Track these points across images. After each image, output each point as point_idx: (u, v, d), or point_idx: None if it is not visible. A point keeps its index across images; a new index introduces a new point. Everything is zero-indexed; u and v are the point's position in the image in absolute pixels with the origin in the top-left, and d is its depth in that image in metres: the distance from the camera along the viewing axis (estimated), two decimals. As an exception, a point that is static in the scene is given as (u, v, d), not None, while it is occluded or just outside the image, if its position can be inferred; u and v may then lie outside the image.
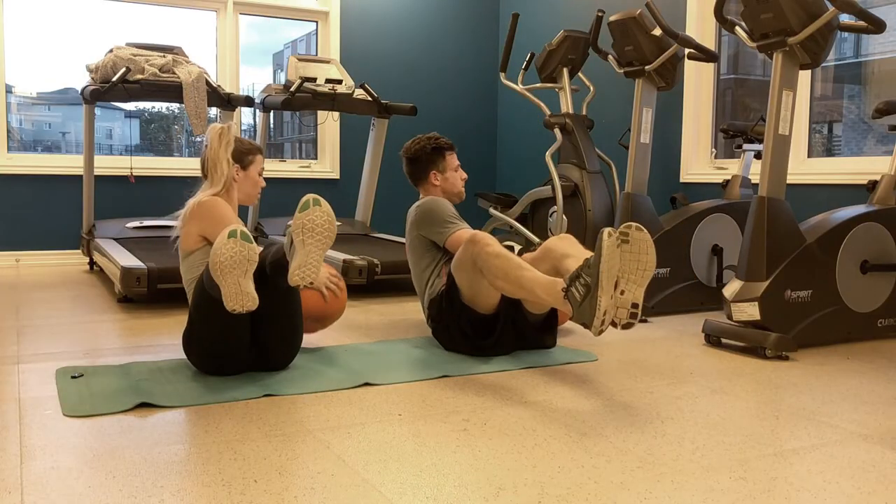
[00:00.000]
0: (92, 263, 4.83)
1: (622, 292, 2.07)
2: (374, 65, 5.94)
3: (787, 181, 3.12)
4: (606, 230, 2.03)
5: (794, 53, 2.79)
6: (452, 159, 3.05)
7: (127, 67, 4.30)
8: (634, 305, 2.07)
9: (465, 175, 3.08)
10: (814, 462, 1.70)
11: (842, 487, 1.56)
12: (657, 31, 3.64)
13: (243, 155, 2.63)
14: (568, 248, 2.56)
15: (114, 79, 4.25)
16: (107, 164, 5.19)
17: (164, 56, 4.51)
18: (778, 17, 2.71)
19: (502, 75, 4.60)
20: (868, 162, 3.78)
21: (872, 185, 3.28)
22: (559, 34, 4.59)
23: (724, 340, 2.94)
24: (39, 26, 5.19)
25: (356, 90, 4.82)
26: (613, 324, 2.10)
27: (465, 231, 2.79)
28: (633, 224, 2.07)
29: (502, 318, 2.63)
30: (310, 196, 2.09)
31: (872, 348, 2.92)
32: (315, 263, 2.05)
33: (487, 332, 2.63)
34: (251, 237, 2.05)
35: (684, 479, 1.59)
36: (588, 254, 2.50)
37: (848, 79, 4.12)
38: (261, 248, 2.34)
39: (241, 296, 2.03)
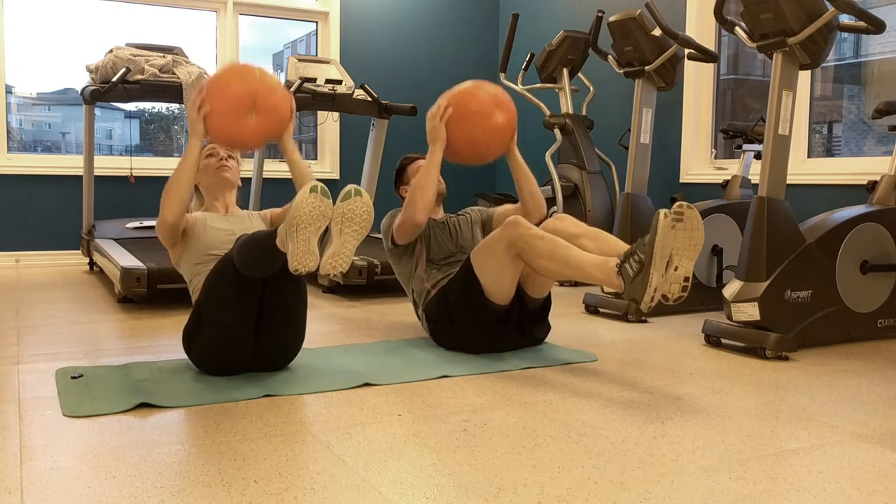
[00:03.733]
0: (92, 264, 4.83)
1: (676, 268, 2.18)
2: (374, 65, 5.94)
3: (787, 181, 3.12)
4: (662, 211, 2.16)
5: (793, 54, 2.79)
6: (413, 167, 3.10)
7: (127, 68, 4.30)
8: (686, 279, 2.19)
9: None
10: (814, 462, 1.70)
11: (842, 487, 1.56)
12: (657, 32, 3.64)
13: None
14: (573, 228, 2.62)
15: (114, 79, 4.25)
16: (107, 165, 5.19)
17: (164, 56, 4.51)
18: (778, 17, 2.71)
19: (502, 75, 4.60)
20: (868, 162, 3.78)
21: (872, 186, 3.28)
22: (559, 34, 4.59)
23: (724, 341, 2.94)
24: (39, 26, 5.19)
25: (356, 90, 4.82)
26: (665, 298, 2.21)
27: (399, 213, 2.85)
28: (685, 203, 2.17)
29: (510, 313, 2.66)
30: (352, 186, 2.10)
31: (872, 348, 2.92)
32: (348, 254, 2.07)
33: (492, 327, 2.64)
34: (328, 193, 2.05)
35: (684, 479, 1.59)
36: (596, 231, 2.63)
37: (848, 79, 4.12)
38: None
39: (308, 254, 2.01)
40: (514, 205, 3.02)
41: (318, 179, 2.12)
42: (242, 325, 2.24)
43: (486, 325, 2.64)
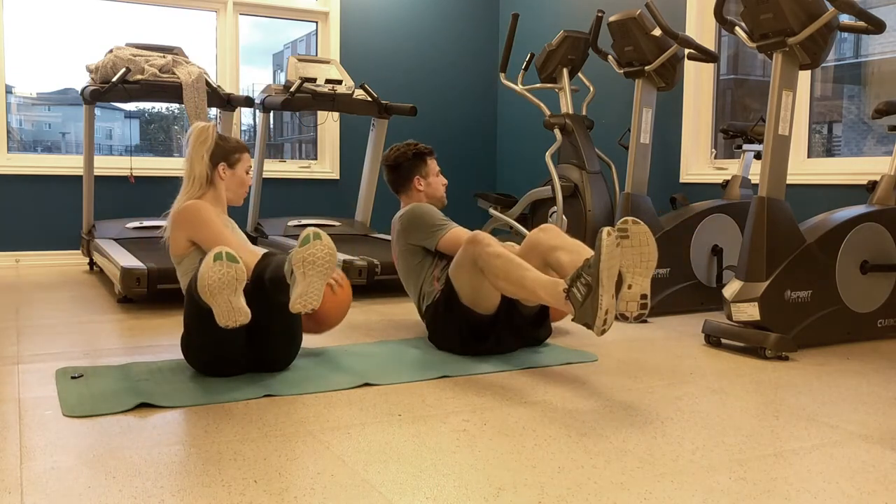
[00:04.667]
0: (92, 264, 4.83)
1: (629, 286, 2.10)
2: (374, 65, 5.94)
3: (787, 181, 3.12)
4: (605, 229, 2.04)
5: (793, 54, 2.79)
6: (433, 164, 3.04)
7: (127, 68, 4.30)
8: (643, 297, 2.10)
9: (445, 181, 3.06)
10: (814, 462, 1.70)
11: (842, 488, 1.56)
12: (657, 32, 3.64)
13: (229, 153, 2.64)
14: (554, 240, 2.57)
15: (114, 79, 4.25)
16: (107, 165, 5.19)
17: (164, 56, 4.51)
18: (778, 17, 2.71)
19: (502, 75, 4.60)
20: (868, 162, 3.78)
21: (872, 186, 3.28)
22: (559, 34, 4.59)
23: (724, 341, 2.94)
24: (39, 26, 5.19)
25: (356, 90, 4.82)
26: (625, 317, 2.13)
27: (458, 229, 2.78)
28: (630, 218, 2.09)
29: (500, 318, 2.64)
30: (310, 230, 2.10)
31: (872, 348, 2.92)
32: (316, 293, 2.07)
33: (484, 335, 2.64)
34: (236, 256, 2.08)
35: (684, 479, 1.59)
36: (576, 243, 2.55)
37: (848, 79, 4.12)
38: (261, 254, 2.34)
39: (232, 312, 2.06)
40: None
41: (318, 180, 2.12)
42: (231, 336, 2.24)
43: (478, 331, 2.63)
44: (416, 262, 2.87)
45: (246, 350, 2.31)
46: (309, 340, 2.85)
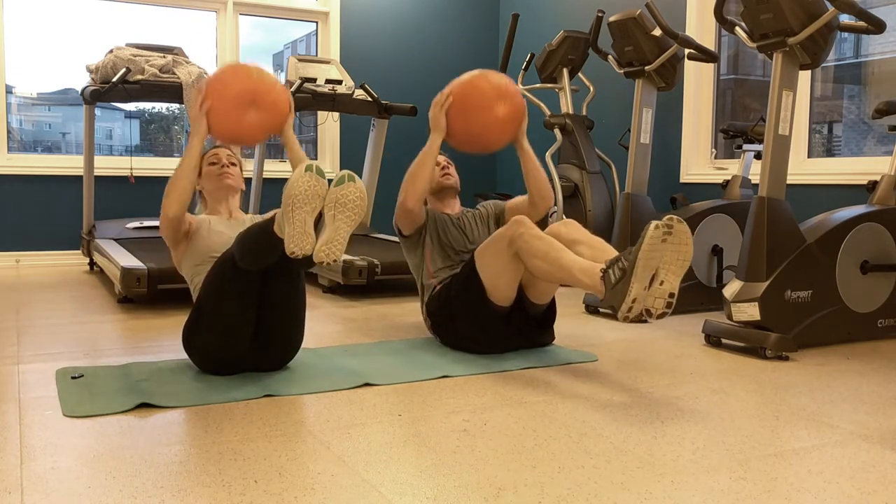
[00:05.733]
0: (92, 264, 4.83)
1: (661, 282, 2.12)
2: (374, 65, 5.94)
3: (787, 181, 3.12)
4: (654, 222, 2.09)
5: (794, 54, 2.79)
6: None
7: (127, 68, 4.30)
8: (671, 295, 2.12)
9: (441, 162, 3.04)
10: (814, 462, 1.70)
11: (842, 488, 1.56)
12: (657, 32, 3.64)
13: None
14: (575, 234, 2.60)
15: (114, 79, 4.25)
16: (107, 165, 5.19)
17: (164, 56, 4.51)
18: (778, 17, 2.71)
19: (502, 75, 4.60)
20: (868, 162, 3.78)
21: (872, 186, 3.28)
22: (559, 34, 4.59)
23: (724, 340, 2.94)
24: (39, 26, 5.19)
25: (356, 90, 4.82)
26: (649, 313, 2.14)
27: (402, 190, 2.81)
28: (675, 217, 2.11)
29: (511, 317, 2.65)
30: (345, 172, 2.07)
31: (872, 348, 2.92)
32: (342, 241, 2.04)
33: (493, 328, 2.64)
34: (324, 174, 2.03)
35: (684, 479, 1.59)
36: (597, 239, 2.59)
37: (848, 79, 4.12)
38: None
39: (304, 236, 1.99)
40: (525, 196, 3.00)
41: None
42: (241, 321, 2.25)
43: (484, 325, 2.64)
44: (410, 256, 2.95)
45: (249, 348, 2.31)
46: (309, 340, 2.85)
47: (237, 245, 2.17)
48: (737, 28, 2.93)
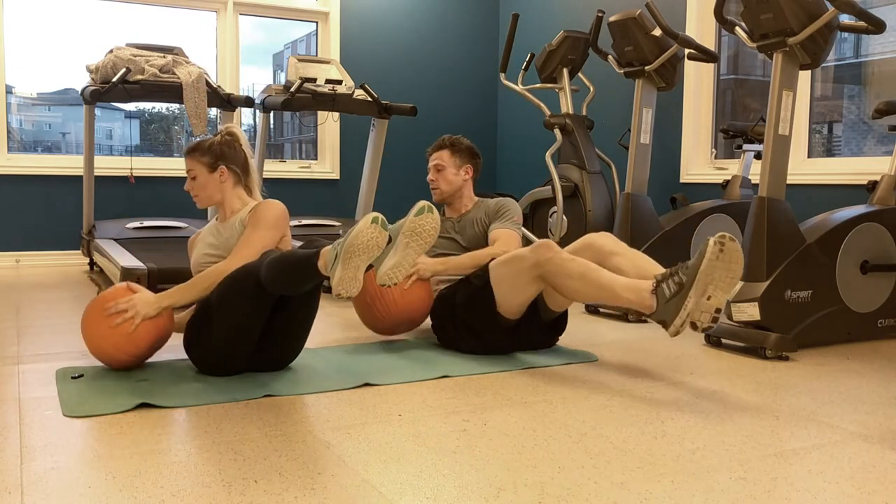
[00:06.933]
0: (92, 264, 4.83)
1: (709, 297, 2.13)
2: (374, 65, 5.94)
3: (787, 181, 3.12)
4: (713, 238, 2.10)
5: (794, 54, 2.79)
6: (429, 162, 3.09)
7: (127, 68, 4.30)
8: (718, 311, 2.14)
9: (434, 167, 3.04)
10: (814, 462, 1.70)
11: (842, 488, 1.56)
12: (657, 32, 3.64)
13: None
14: (613, 246, 2.57)
15: (114, 79, 4.25)
16: (107, 165, 5.19)
17: (164, 56, 4.51)
18: (778, 17, 2.71)
19: (502, 76, 4.60)
20: (868, 162, 3.78)
21: (872, 186, 3.28)
22: (559, 34, 4.59)
23: (724, 340, 2.94)
24: (39, 26, 5.19)
25: (356, 90, 4.82)
26: (693, 326, 2.15)
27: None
28: (728, 235, 2.12)
29: (520, 329, 2.64)
30: (424, 203, 2.19)
31: (872, 348, 2.92)
32: (408, 266, 2.17)
33: (496, 341, 2.64)
34: (388, 225, 2.10)
35: (684, 479, 1.59)
36: (635, 252, 2.57)
37: (848, 79, 4.12)
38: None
39: (354, 281, 2.07)
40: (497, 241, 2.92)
41: (318, 180, 2.14)
42: (248, 332, 2.25)
43: (488, 336, 2.63)
44: None
45: (253, 350, 2.31)
46: (309, 340, 2.85)
47: (268, 270, 2.15)
48: (737, 28, 2.93)
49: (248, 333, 2.26)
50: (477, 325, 2.63)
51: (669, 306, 2.15)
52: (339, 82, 4.71)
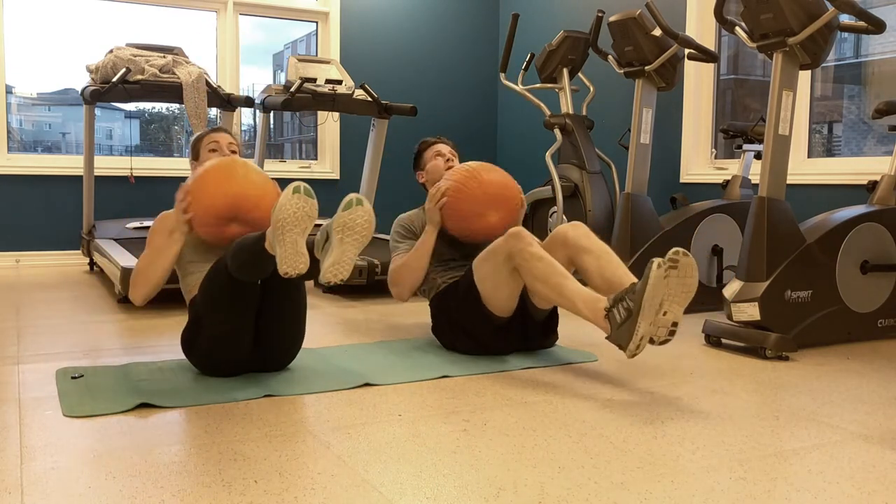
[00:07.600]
0: (92, 264, 4.83)
1: (665, 313, 2.13)
2: (374, 65, 5.94)
3: (787, 181, 3.12)
4: (657, 261, 2.08)
5: (794, 54, 2.79)
6: (430, 152, 3.08)
7: (127, 68, 4.30)
8: (674, 324, 2.14)
9: (442, 163, 3.02)
10: (814, 462, 1.70)
11: (842, 488, 1.56)
12: (657, 32, 3.64)
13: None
14: (583, 240, 2.52)
15: (114, 79, 4.25)
16: (107, 165, 5.19)
17: (164, 56, 4.51)
18: (778, 17, 2.71)
19: (502, 76, 4.60)
20: (868, 162, 3.78)
21: (872, 186, 3.28)
22: (559, 34, 4.59)
23: (724, 340, 2.94)
24: (39, 26, 5.19)
25: (356, 90, 4.82)
26: (651, 341, 2.14)
27: (398, 257, 2.86)
28: (681, 250, 2.11)
29: (513, 326, 2.63)
30: (353, 195, 2.09)
31: (872, 348, 2.92)
32: (349, 262, 2.07)
33: (491, 342, 2.63)
34: (313, 192, 2.04)
35: (684, 479, 1.59)
36: (603, 248, 2.51)
37: (848, 79, 4.12)
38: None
39: (296, 256, 1.99)
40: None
41: (318, 180, 2.12)
42: (241, 330, 2.24)
43: (482, 336, 2.63)
44: None
45: (251, 349, 2.31)
46: (309, 340, 2.85)
47: (231, 257, 2.14)
48: (737, 28, 2.93)
49: (238, 328, 2.23)
50: (469, 326, 2.63)
51: (622, 332, 2.13)
52: (339, 82, 4.71)
